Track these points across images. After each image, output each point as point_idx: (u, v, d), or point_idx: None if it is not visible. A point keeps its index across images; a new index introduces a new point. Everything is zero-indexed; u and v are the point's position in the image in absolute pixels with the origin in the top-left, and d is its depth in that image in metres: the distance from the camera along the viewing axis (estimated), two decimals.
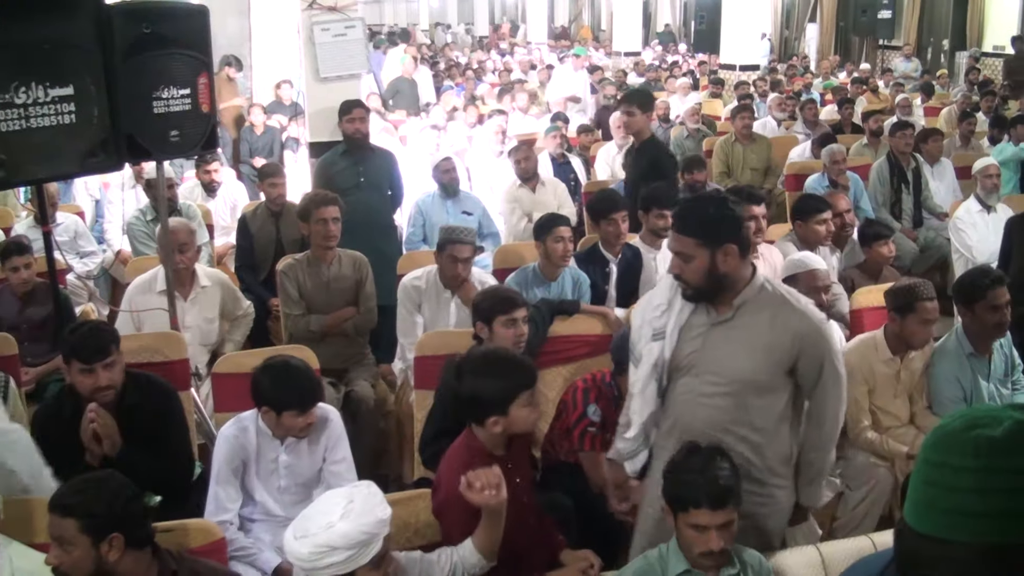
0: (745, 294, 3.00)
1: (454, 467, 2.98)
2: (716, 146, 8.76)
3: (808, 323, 3.03)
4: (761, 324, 3.00)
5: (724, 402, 3.02)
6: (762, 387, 3.03)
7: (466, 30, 34.09)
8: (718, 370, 3.02)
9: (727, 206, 2.98)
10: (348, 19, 6.88)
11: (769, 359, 3.00)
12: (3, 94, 3.65)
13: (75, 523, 2.56)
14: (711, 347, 3.03)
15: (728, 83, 13.91)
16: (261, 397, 3.44)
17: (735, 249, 2.93)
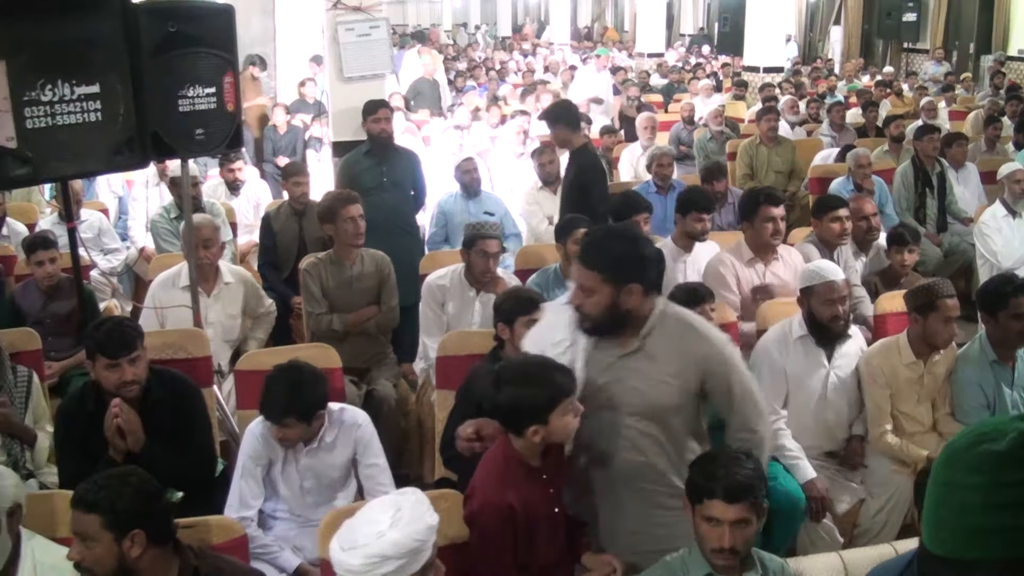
0: (650, 324, 3.02)
1: (490, 477, 2.99)
2: (740, 148, 8.72)
3: (711, 346, 3.06)
4: (668, 352, 3.02)
5: (647, 428, 3.05)
6: (677, 410, 3.07)
7: (482, 31, 34.07)
8: (633, 401, 3.03)
9: (637, 245, 2.99)
10: (372, 19, 6.90)
11: (680, 385, 3.03)
12: (29, 92, 3.67)
13: (98, 519, 2.57)
14: (625, 379, 3.03)
15: (752, 85, 13.85)
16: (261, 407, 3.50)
17: (639, 288, 2.93)
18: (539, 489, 3.06)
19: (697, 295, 4.24)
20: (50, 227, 6.32)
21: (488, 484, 2.96)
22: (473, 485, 3.04)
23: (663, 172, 7.18)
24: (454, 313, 4.95)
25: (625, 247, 2.97)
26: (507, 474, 2.96)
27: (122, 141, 4.02)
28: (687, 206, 5.37)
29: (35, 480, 4.00)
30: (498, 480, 2.95)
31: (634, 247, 2.97)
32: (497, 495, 2.94)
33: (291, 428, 3.47)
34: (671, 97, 13.73)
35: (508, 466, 3.00)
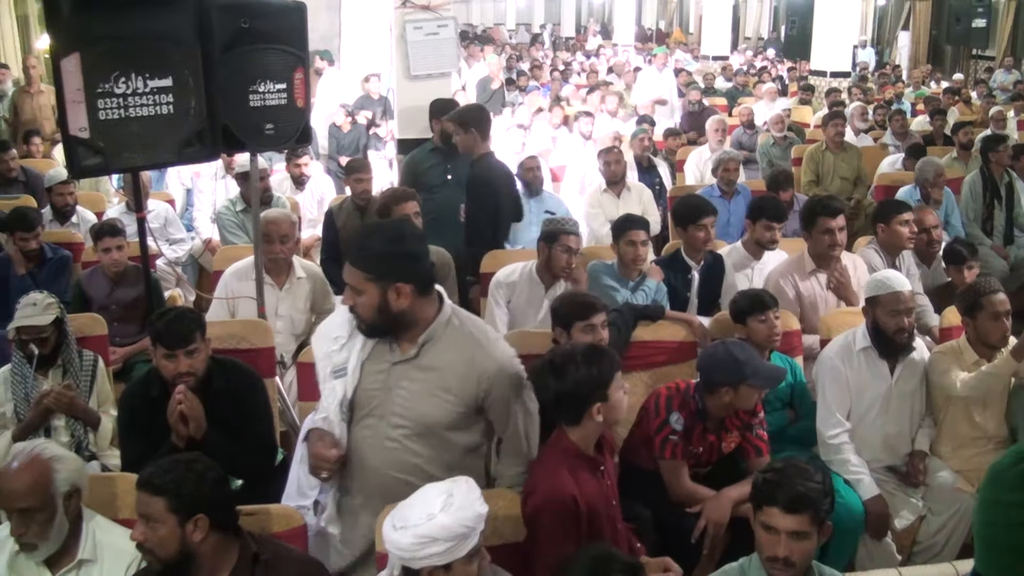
0: (430, 332, 2.89)
1: (550, 471, 3.00)
2: (806, 154, 8.61)
3: (495, 362, 2.91)
4: (447, 363, 2.89)
5: (414, 444, 2.93)
6: (452, 426, 2.93)
7: (547, 31, 34.06)
8: (402, 412, 2.91)
9: (404, 243, 2.84)
10: (440, 18, 6.94)
11: (457, 400, 2.90)
12: (103, 84, 3.76)
13: (163, 502, 2.61)
14: (395, 387, 2.91)
15: (818, 90, 13.69)
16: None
17: (409, 289, 2.79)
18: (596, 481, 3.10)
19: (761, 302, 4.21)
20: (118, 216, 6.43)
21: (549, 478, 2.98)
22: (532, 482, 3.05)
23: (729, 176, 7.14)
24: (520, 309, 4.95)
25: (389, 244, 2.82)
26: (567, 467, 2.99)
27: (193, 134, 4.11)
28: (758, 213, 5.31)
29: (97, 462, 4.09)
30: (559, 473, 2.97)
31: (399, 244, 2.82)
32: (560, 488, 2.95)
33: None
34: (735, 101, 13.61)
35: (567, 459, 3.03)
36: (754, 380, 3.60)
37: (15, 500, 2.79)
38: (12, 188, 7.52)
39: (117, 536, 2.99)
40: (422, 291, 2.85)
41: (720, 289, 5.22)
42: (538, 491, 2.99)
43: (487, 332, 3.03)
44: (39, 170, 7.54)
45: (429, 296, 2.89)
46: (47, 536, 2.83)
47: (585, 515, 2.98)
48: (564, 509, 2.92)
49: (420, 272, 2.84)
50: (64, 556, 2.90)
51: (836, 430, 4.08)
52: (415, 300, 2.82)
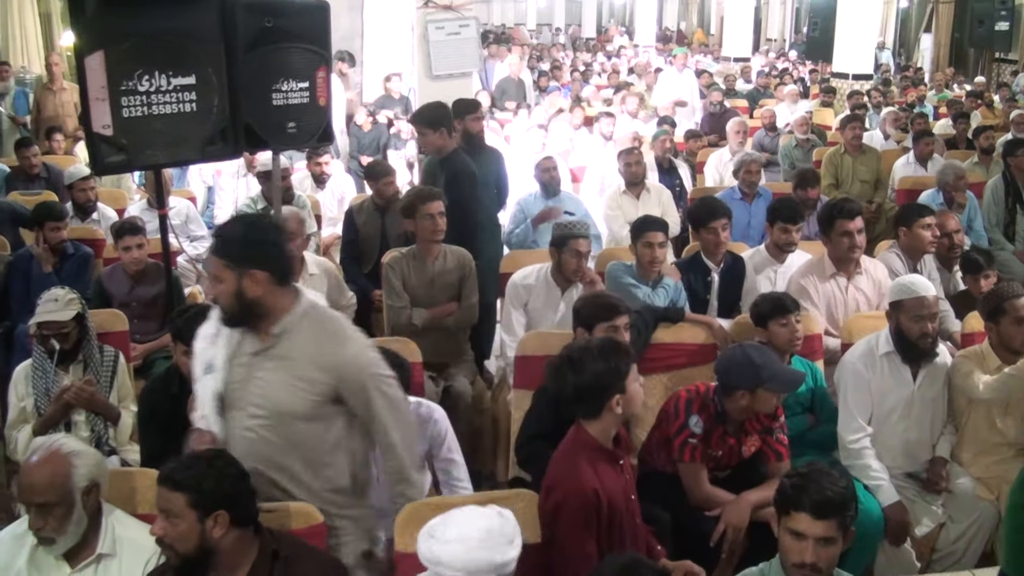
0: (285, 322, 2.92)
1: (570, 466, 3.02)
2: (825, 157, 8.56)
3: (346, 353, 2.94)
4: (301, 353, 2.91)
5: (268, 434, 2.93)
6: (307, 417, 2.93)
7: (555, 31, 34.08)
8: (258, 402, 2.93)
9: (258, 231, 2.92)
10: (462, 18, 6.95)
11: (310, 390, 2.91)
12: (127, 81, 3.79)
13: (184, 498, 2.62)
14: (253, 377, 2.94)
15: (840, 92, 13.63)
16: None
17: (264, 276, 2.85)
18: (616, 474, 3.12)
19: (782, 306, 4.19)
20: (139, 213, 6.46)
21: (570, 473, 2.99)
22: (553, 479, 3.06)
23: (751, 179, 7.06)
24: (537, 311, 4.95)
25: (246, 231, 2.90)
26: (587, 460, 3.01)
27: (215, 132, 4.13)
28: (773, 216, 5.30)
29: (117, 457, 4.10)
30: (580, 467, 2.99)
31: (255, 231, 2.91)
32: (581, 482, 2.97)
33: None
34: (757, 103, 13.56)
35: (586, 452, 3.05)
36: (771, 384, 3.58)
37: (34, 494, 2.81)
38: (34, 184, 7.58)
39: (136, 531, 3.00)
40: (278, 280, 2.90)
41: (740, 291, 5.21)
42: (559, 485, 3.00)
43: (342, 325, 3.05)
44: (61, 167, 7.58)
45: (286, 287, 2.95)
46: (65, 530, 2.84)
47: (606, 509, 3.00)
48: (586, 503, 2.94)
49: (275, 260, 2.90)
50: (83, 550, 2.90)
51: (857, 435, 4.05)
52: (270, 288, 2.88)
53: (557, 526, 3.02)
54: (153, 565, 2.89)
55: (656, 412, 4.02)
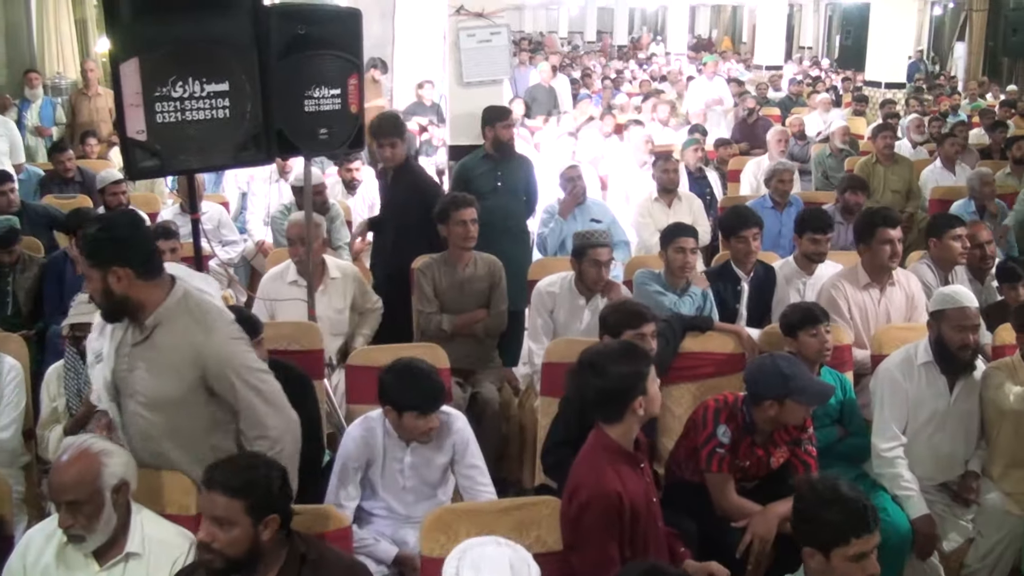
0: (158, 314, 3.04)
1: (594, 469, 3.02)
2: (857, 166, 8.48)
3: (209, 340, 3.05)
4: (171, 343, 3.04)
5: (153, 418, 3.09)
6: (183, 402, 3.07)
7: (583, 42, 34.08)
8: (141, 389, 3.08)
9: (114, 229, 3.02)
10: (494, 25, 6.96)
11: (180, 377, 3.04)
12: (161, 87, 3.84)
13: (241, 504, 2.62)
14: (135, 368, 3.08)
15: (872, 101, 13.54)
16: (385, 396, 3.52)
17: (127, 272, 2.96)
18: (637, 477, 3.12)
19: (812, 316, 4.16)
20: (171, 217, 6.52)
21: (594, 476, 3.00)
22: (576, 482, 3.06)
23: (783, 188, 7.01)
24: (562, 320, 4.96)
25: (100, 231, 3.02)
26: (610, 464, 3.02)
27: (248, 138, 4.16)
28: (802, 227, 5.26)
29: None
30: (603, 471, 2.99)
31: (108, 231, 3.01)
32: (605, 485, 2.98)
33: (428, 420, 3.51)
34: (788, 111, 13.48)
35: (609, 456, 3.06)
36: (800, 396, 3.56)
37: (63, 492, 2.82)
38: (69, 188, 7.68)
39: (164, 530, 3.02)
40: (142, 275, 3.01)
41: (770, 301, 5.18)
42: (583, 489, 3.00)
43: (212, 316, 3.14)
44: (95, 171, 7.67)
45: (154, 280, 3.06)
46: (94, 528, 2.85)
47: (628, 513, 3.00)
48: (609, 507, 2.95)
49: (135, 256, 3.00)
50: (112, 548, 2.92)
51: (891, 443, 4.01)
52: (135, 283, 3.00)
53: (580, 530, 3.02)
54: (181, 565, 2.90)
55: (683, 421, 4.02)
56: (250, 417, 3.11)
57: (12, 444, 4.15)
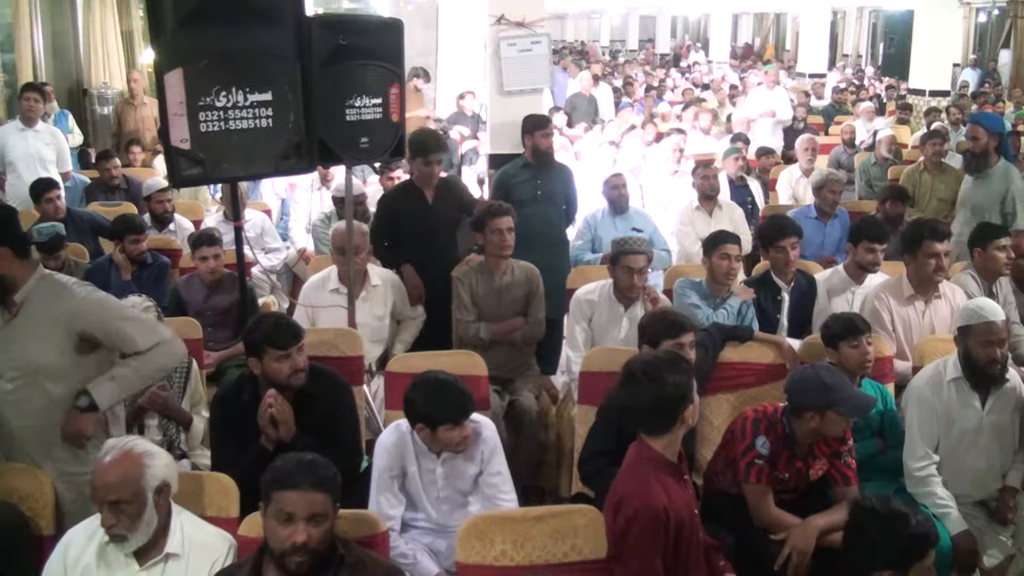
0: (24, 290, 3.34)
1: (640, 481, 3.03)
2: (904, 174, 8.39)
3: (78, 299, 3.36)
4: (41, 314, 3.33)
5: (25, 393, 3.35)
6: (55, 372, 3.35)
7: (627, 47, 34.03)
8: (14, 364, 3.33)
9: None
10: (535, 35, 6.99)
11: (53, 343, 3.32)
12: (205, 97, 3.89)
13: (329, 498, 2.70)
14: (8, 343, 3.34)
15: (916, 109, 13.39)
16: (415, 414, 3.49)
17: (7, 251, 3.30)
18: (681, 488, 3.12)
19: (854, 327, 4.12)
20: (215, 224, 6.61)
21: (640, 489, 2.99)
22: (621, 494, 3.04)
23: (833, 198, 6.90)
24: (600, 328, 4.95)
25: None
26: (655, 476, 3.01)
27: (290, 147, 4.21)
28: (858, 235, 5.20)
29: (188, 461, 4.19)
30: (649, 484, 2.99)
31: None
32: (651, 498, 2.97)
33: (462, 429, 3.50)
34: (832, 119, 13.38)
35: (654, 468, 3.05)
36: (841, 407, 3.52)
37: (107, 492, 2.86)
38: (114, 195, 7.81)
39: (204, 532, 3.06)
40: (18, 254, 3.35)
41: (811, 311, 5.14)
42: (630, 502, 2.99)
43: (71, 283, 3.47)
44: (140, 179, 7.78)
45: (27, 259, 3.40)
46: (136, 528, 2.89)
47: (673, 526, 2.99)
48: (655, 520, 2.94)
49: (10, 236, 3.35)
50: (152, 549, 2.95)
51: (923, 462, 3.96)
52: (13, 262, 3.33)
53: (625, 542, 3.00)
54: (220, 566, 2.93)
55: (722, 432, 3.99)
56: (125, 340, 3.41)
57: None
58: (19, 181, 7.55)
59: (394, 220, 5.74)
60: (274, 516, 2.67)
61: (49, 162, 7.73)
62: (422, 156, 5.65)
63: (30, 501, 3.38)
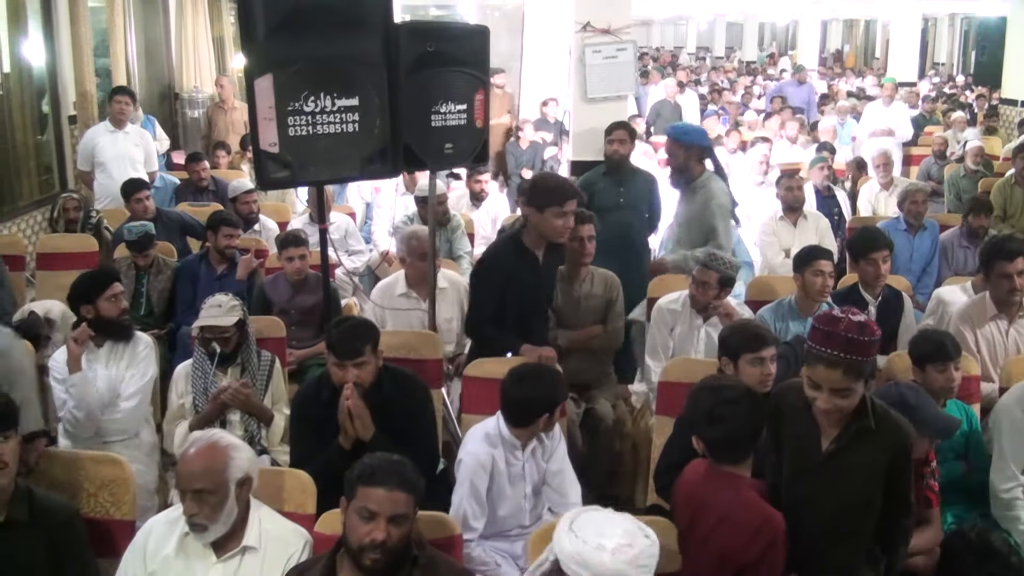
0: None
1: (759, 503, 3.06)
2: (995, 188, 8.16)
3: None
4: None
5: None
6: None
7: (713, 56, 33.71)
8: None
9: None
10: (620, 42, 6.97)
11: None
12: (294, 102, 3.95)
13: (412, 499, 2.73)
14: None
15: (1009, 119, 13.01)
16: (542, 406, 3.59)
17: None
18: None
19: (943, 351, 3.98)
20: (301, 226, 6.72)
21: (766, 509, 3.04)
22: (757, 517, 3.05)
23: (916, 209, 6.74)
24: (680, 338, 4.92)
25: None
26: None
27: (375, 151, 4.26)
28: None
29: (268, 457, 4.25)
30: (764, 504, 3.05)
31: None
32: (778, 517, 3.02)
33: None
34: (922, 129, 13.08)
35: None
36: (924, 428, 3.43)
37: (192, 481, 2.92)
38: (203, 196, 7.99)
39: (282, 527, 3.10)
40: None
41: (898, 327, 5.03)
42: (772, 523, 3.00)
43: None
44: (228, 181, 7.95)
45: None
46: (217, 519, 2.94)
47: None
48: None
49: None
50: (230, 541, 3.00)
51: (1010, 484, 3.83)
52: None
53: (775, 560, 3.02)
54: (296, 562, 2.97)
55: None
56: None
57: (139, 413, 4.44)
58: (109, 180, 7.74)
59: (505, 292, 4.42)
60: (356, 512, 2.69)
61: (138, 163, 7.93)
62: (562, 201, 4.32)
63: (113, 487, 3.47)
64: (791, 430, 3.17)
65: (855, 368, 2.84)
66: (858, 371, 2.85)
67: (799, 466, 3.13)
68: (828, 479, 3.04)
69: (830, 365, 2.85)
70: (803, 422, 3.10)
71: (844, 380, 2.86)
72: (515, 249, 4.45)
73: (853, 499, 3.03)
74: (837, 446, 3.02)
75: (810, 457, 3.08)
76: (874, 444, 2.98)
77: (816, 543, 3.07)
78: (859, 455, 2.99)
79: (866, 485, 3.00)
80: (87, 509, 3.44)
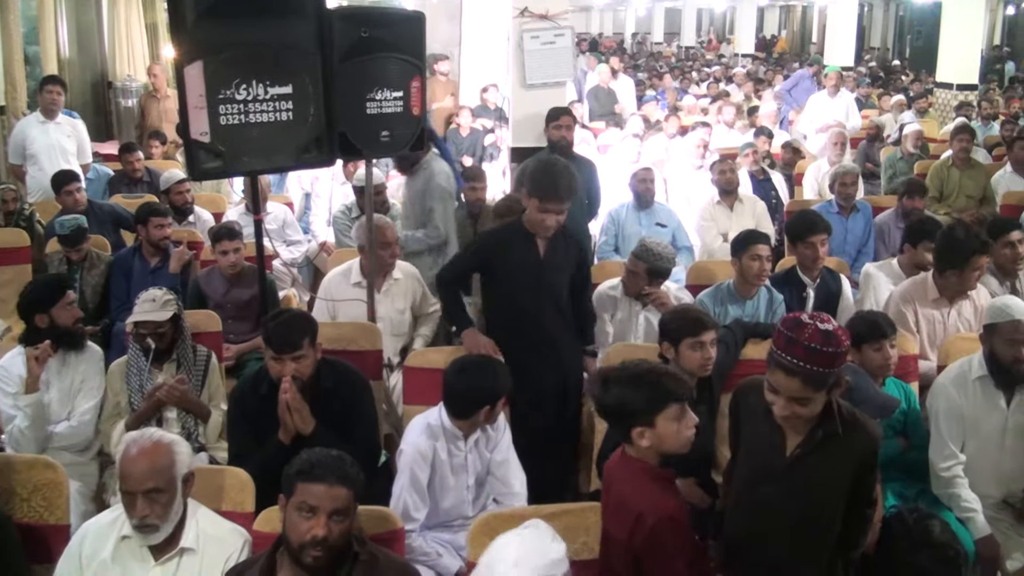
0: None
1: (657, 490, 2.94)
2: (932, 169, 8.30)
3: None
4: None
5: None
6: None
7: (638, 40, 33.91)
8: None
9: None
10: (558, 27, 6.95)
11: None
12: (225, 90, 3.86)
13: (351, 493, 2.68)
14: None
15: (944, 103, 13.22)
16: (484, 398, 3.56)
17: None
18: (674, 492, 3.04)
19: (878, 329, 4.04)
20: (236, 217, 6.61)
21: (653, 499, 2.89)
22: (639, 503, 2.90)
23: (846, 191, 6.85)
24: (619, 324, 4.92)
25: None
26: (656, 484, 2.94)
27: (310, 140, 4.19)
28: (919, 236, 5.13)
29: (205, 454, 4.19)
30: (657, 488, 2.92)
31: None
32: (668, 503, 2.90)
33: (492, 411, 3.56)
34: (859, 112, 13.21)
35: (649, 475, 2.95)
36: (863, 407, 3.46)
37: (142, 481, 2.85)
38: (137, 188, 7.84)
39: (220, 527, 3.05)
40: None
41: (836, 309, 5.09)
42: (657, 511, 2.85)
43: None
44: (162, 171, 7.81)
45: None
46: (168, 518, 2.89)
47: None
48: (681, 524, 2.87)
49: None
50: (168, 544, 2.94)
51: (949, 462, 3.89)
52: None
53: (656, 548, 2.87)
54: (234, 562, 2.93)
55: None
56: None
57: (90, 429, 4.35)
58: (41, 173, 7.57)
59: (492, 266, 4.53)
60: (296, 508, 2.65)
61: (71, 154, 7.77)
62: (546, 199, 4.32)
63: (46, 491, 3.39)
64: (752, 430, 3.05)
65: (815, 379, 2.70)
66: (819, 382, 2.71)
67: (759, 470, 3.00)
68: (791, 487, 2.90)
69: (789, 373, 2.72)
70: (765, 423, 2.97)
71: (803, 390, 2.72)
72: (514, 232, 4.45)
73: (817, 509, 2.89)
74: (802, 451, 2.89)
75: (772, 462, 2.94)
76: (841, 451, 2.84)
77: (777, 552, 2.96)
78: (825, 464, 2.85)
79: (832, 494, 2.87)
80: (20, 515, 3.36)
